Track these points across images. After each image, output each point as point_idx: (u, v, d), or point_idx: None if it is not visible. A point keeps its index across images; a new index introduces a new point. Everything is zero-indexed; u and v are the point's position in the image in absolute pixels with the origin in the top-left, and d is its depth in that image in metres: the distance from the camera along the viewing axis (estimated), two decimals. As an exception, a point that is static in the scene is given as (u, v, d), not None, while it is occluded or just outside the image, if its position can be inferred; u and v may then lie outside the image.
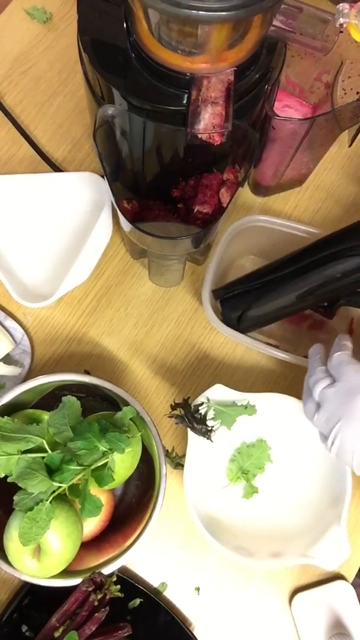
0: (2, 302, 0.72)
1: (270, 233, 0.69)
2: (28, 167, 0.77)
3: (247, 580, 0.67)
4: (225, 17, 0.40)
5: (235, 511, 0.66)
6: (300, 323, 0.73)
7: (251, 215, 0.68)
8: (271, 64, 0.54)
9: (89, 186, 0.72)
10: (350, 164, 0.79)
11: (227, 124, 0.51)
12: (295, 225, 0.68)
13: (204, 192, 0.62)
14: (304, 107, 0.75)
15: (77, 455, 0.53)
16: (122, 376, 0.71)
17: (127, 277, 0.74)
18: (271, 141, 0.63)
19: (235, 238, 0.67)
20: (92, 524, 0.61)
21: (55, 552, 0.53)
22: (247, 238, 0.69)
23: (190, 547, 0.67)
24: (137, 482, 0.64)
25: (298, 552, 0.61)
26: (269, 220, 0.68)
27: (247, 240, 0.70)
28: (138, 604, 0.63)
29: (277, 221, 0.68)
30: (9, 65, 0.81)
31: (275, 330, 0.72)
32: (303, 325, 0.73)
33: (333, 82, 0.67)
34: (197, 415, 0.60)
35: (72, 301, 0.73)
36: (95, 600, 0.56)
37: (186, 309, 0.73)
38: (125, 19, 0.51)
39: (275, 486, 0.67)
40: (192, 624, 0.66)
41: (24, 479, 0.51)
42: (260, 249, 0.73)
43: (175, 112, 0.52)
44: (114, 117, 0.56)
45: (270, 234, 0.69)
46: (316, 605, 0.65)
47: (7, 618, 0.61)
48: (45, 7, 0.82)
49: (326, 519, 0.62)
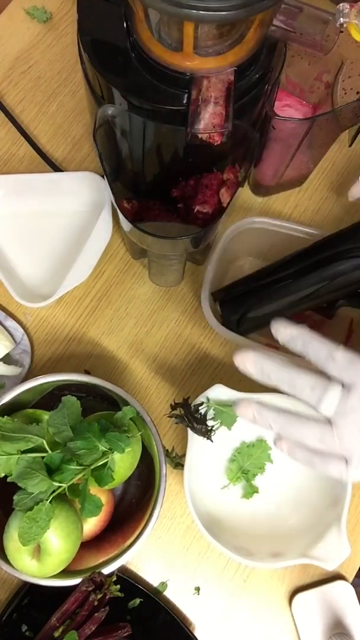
0: (2, 302, 0.72)
1: (268, 234, 0.69)
2: (28, 167, 0.77)
3: (247, 580, 0.67)
4: (225, 17, 0.40)
5: (235, 511, 0.66)
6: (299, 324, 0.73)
7: (249, 217, 0.68)
8: (271, 64, 0.54)
9: (89, 186, 0.72)
10: (350, 164, 0.79)
11: (227, 124, 0.51)
12: (294, 226, 0.68)
13: (204, 192, 0.62)
14: (304, 107, 0.75)
15: (77, 455, 0.53)
16: (122, 376, 0.71)
17: (127, 277, 0.74)
18: (271, 141, 0.63)
19: (233, 240, 0.67)
20: (92, 524, 0.61)
21: (55, 552, 0.53)
22: (245, 240, 0.69)
23: (190, 547, 0.67)
24: (137, 482, 0.64)
25: (298, 552, 0.61)
26: (267, 222, 0.68)
27: (245, 242, 0.70)
28: (138, 604, 0.63)
29: (275, 222, 0.68)
30: (9, 65, 0.81)
31: (275, 330, 0.72)
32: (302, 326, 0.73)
33: (333, 82, 0.67)
34: (197, 415, 0.60)
35: (72, 301, 0.73)
36: (95, 600, 0.56)
37: (186, 309, 0.73)
38: (125, 19, 0.50)
39: (275, 486, 0.67)
40: (192, 624, 0.66)
41: (24, 478, 0.51)
42: (259, 251, 0.73)
43: (175, 112, 0.52)
44: (114, 117, 0.56)
45: (269, 236, 0.69)
46: (316, 605, 0.65)
47: (7, 618, 0.61)
48: (45, 7, 0.82)
49: (326, 519, 0.62)
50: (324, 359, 0.42)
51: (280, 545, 0.63)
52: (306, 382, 0.42)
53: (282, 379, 0.42)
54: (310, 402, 0.42)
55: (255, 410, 0.44)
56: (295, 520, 0.65)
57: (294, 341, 0.43)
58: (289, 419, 0.43)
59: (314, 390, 0.41)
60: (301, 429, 0.43)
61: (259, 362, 0.43)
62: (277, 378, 0.42)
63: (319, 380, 0.42)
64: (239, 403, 0.45)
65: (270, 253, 0.72)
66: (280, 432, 0.43)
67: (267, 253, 0.72)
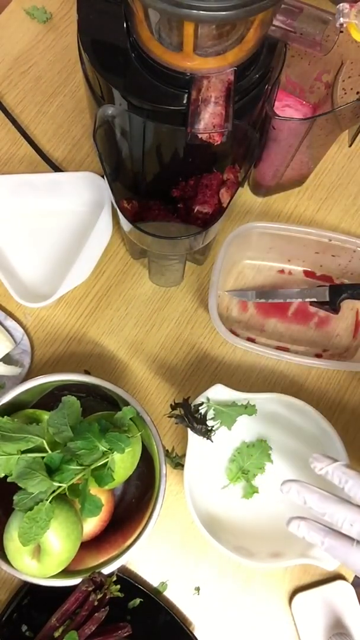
0: (2, 302, 0.72)
1: (268, 237, 0.69)
2: (28, 167, 0.77)
3: (247, 580, 0.67)
4: (225, 17, 0.40)
5: (235, 511, 0.66)
6: (306, 322, 0.73)
7: (249, 223, 0.68)
8: (271, 64, 0.54)
9: (89, 186, 0.72)
10: (350, 164, 0.79)
11: (227, 124, 0.51)
12: (293, 227, 0.68)
13: (204, 192, 0.62)
14: (304, 107, 0.75)
15: (77, 455, 0.53)
16: (122, 376, 0.71)
17: (127, 277, 0.74)
18: (271, 141, 0.63)
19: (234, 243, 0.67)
20: (92, 524, 0.61)
21: (55, 552, 0.53)
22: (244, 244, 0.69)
23: (190, 547, 0.67)
24: (137, 482, 0.64)
25: (298, 552, 0.61)
26: (266, 226, 0.68)
27: (245, 246, 0.70)
28: (138, 604, 0.63)
29: (274, 226, 0.68)
30: (9, 65, 0.81)
31: (283, 331, 0.72)
32: (309, 323, 0.73)
33: (333, 82, 0.67)
34: (197, 415, 0.60)
35: (72, 301, 0.73)
36: (95, 600, 0.56)
37: (186, 309, 0.73)
38: (125, 19, 0.51)
39: (275, 486, 0.67)
40: (192, 624, 0.66)
41: (24, 478, 0.51)
42: (259, 253, 0.73)
43: (175, 112, 0.52)
44: (114, 117, 0.56)
45: (269, 238, 0.69)
46: (316, 605, 0.65)
47: (7, 618, 0.61)
48: (45, 7, 0.82)
49: (326, 519, 0.62)
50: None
51: (280, 545, 0.63)
52: (344, 516, 0.44)
53: (324, 512, 0.45)
54: (350, 535, 0.44)
55: (304, 525, 0.46)
56: (295, 520, 0.65)
57: (330, 476, 0.47)
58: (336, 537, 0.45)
59: (353, 526, 0.44)
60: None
61: (301, 493, 0.47)
62: (318, 509, 0.45)
63: (357, 517, 0.44)
64: (290, 521, 0.48)
65: (270, 254, 0.72)
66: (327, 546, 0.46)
67: (267, 254, 0.72)
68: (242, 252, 0.71)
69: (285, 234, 0.68)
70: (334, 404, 0.71)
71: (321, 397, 0.72)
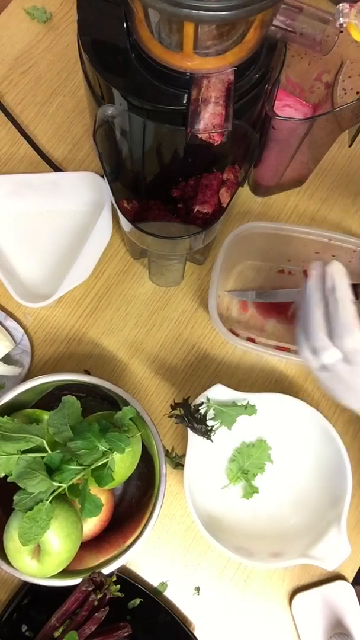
0: (2, 302, 0.72)
1: (268, 237, 0.69)
2: (28, 167, 0.77)
3: (247, 580, 0.67)
4: (225, 17, 0.40)
5: (235, 511, 0.66)
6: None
7: (249, 223, 0.68)
8: (271, 64, 0.54)
9: (89, 186, 0.72)
10: (350, 164, 0.79)
11: (227, 124, 0.51)
12: (293, 227, 0.68)
13: (204, 192, 0.62)
14: (304, 107, 0.75)
15: (77, 455, 0.53)
16: (122, 376, 0.71)
17: (127, 277, 0.74)
18: (271, 141, 0.63)
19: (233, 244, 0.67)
20: (92, 524, 0.61)
21: (55, 552, 0.53)
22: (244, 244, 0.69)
23: (190, 547, 0.67)
24: (137, 482, 0.64)
25: (298, 552, 0.61)
26: (266, 226, 0.68)
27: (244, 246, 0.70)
28: (138, 604, 0.63)
29: (274, 225, 0.68)
30: (9, 65, 0.81)
31: (283, 331, 0.72)
32: None
33: (333, 82, 0.67)
34: (197, 415, 0.60)
35: (72, 301, 0.73)
36: (95, 600, 0.56)
37: (186, 309, 0.73)
38: (125, 19, 0.50)
39: (275, 486, 0.67)
40: (192, 624, 0.66)
41: (24, 478, 0.51)
42: (258, 253, 0.73)
43: (175, 112, 0.52)
44: (114, 117, 0.56)
45: (268, 238, 0.69)
46: (316, 605, 0.65)
47: (7, 618, 0.61)
48: (45, 7, 0.82)
49: (326, 519, 0.62)
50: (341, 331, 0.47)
51: (280, 545, 0.63)
52: (322, 337, 0.47)
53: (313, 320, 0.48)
54: (320, 350, 0.48)
55: None
56: (295, 520, 0.65)
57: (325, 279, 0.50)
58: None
59: (322, 343, 0.47)
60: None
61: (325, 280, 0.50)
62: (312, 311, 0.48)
63: (328, 340, 0.47)
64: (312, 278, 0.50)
65: (269, 254, 0.72)
66: None
67: (266, 254, 0.72)
68: (242, 252, 0.71)
69: (285, 234, 0.68)
70: (334, 404, 0.71)
71: (321, 397, 0.72)
